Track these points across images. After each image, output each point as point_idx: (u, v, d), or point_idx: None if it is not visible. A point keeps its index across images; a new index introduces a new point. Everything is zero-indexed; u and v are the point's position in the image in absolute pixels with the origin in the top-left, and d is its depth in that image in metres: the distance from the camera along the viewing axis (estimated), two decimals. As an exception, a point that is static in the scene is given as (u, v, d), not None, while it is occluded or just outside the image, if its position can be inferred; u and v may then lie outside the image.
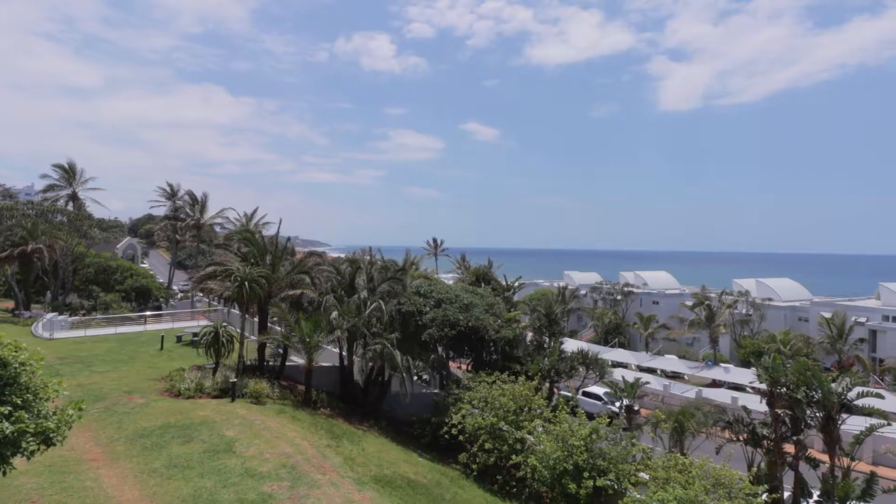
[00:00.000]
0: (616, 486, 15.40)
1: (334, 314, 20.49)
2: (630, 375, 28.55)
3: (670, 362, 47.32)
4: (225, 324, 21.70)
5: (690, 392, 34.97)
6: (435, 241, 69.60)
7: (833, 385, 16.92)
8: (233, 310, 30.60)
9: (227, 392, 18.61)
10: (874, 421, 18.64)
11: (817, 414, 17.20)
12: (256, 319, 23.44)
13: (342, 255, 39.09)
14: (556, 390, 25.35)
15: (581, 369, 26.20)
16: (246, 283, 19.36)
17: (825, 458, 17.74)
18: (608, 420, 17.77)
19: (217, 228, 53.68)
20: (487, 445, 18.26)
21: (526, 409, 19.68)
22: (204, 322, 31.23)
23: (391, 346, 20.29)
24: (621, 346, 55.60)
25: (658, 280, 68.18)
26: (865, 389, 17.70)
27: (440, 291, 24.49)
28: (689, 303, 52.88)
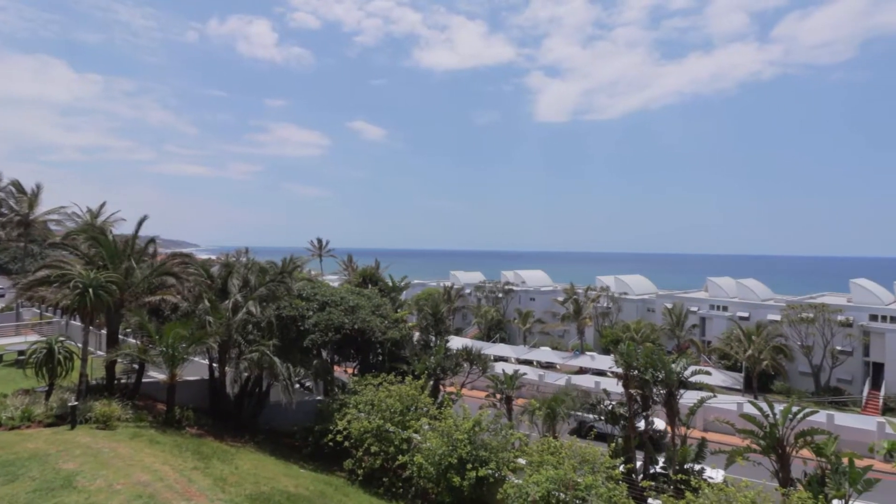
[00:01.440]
0: (497, 475, 16.21)
1: (206, 320, 18.62)
2: (510, 368, 30.33)
3: (545, 353, 51.28)
4: (62, 338, 18.50)
5: (562, 380, 38.23)
6: (320, 241, 67.05)
7: (673, 366, 19.68)
8: (73, 321, 26.30)
9: (66, 418, 15.88)
10: (704, 394, 22.11)
11: (661, 391, 19.88)
12: (104, 332, 20.36)
13: (213, 257, 35.75)
14: (442, 387, 25.94)
15: (466, 365, 27.15)
16: (90, 290, 16.68)
17: (668, 428, 20.55)
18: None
19: (53, 226, 45.61)
20: (374, 448, 18.02)
21: (413, 408, 19.82)
22: (34, 337, 26.38)
23: (270, 353, 19.02)
24: (503, 340, 58.91)
25: (534, 278, 73.47)
26: (698, 368, 20.88)
27: (324, 294, 23.60)
28: (561, 299, 57.87)
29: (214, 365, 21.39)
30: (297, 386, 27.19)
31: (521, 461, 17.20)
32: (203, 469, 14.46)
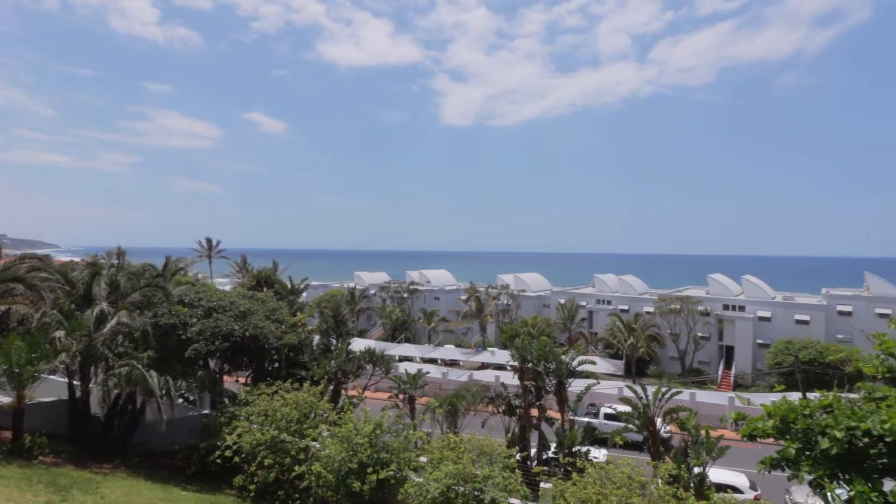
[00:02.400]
0: (398, 475, 16.14)
1: (60, 333, 16.19)
2: (413, 367, 30.47)
3: (449, 351, 52.32)
4: None
5: (464, 376, 39.31)
6: (209, 241, 61.84)
7: (563, 357, 21.13)
8: None
9: None
10: (590, 381, 24.04)
11: (552, 381, 21.24)
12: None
13: (78, 259, 31.32)
14: (343, 391, 25.27)
15: (369, 367, 26.73)
16: None
17: (558, 415, 21.99)
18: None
19: None
20: (267, 461, 16.99)
21: (311, 415, 19.05)
22: None
23: (143, 366, 17.08)
24: (408, 340, 59.07)
25: (439, 278, 74.69)
26: (584, 358, 22.64)
27: (211, 299, 21.77)
28: (464, 297, 59.48)
29: (76, 383, 18.73)
30: (180, 401, 24.84)
31: (423, 459, 17.34)
32: (59, 503, 12.58)
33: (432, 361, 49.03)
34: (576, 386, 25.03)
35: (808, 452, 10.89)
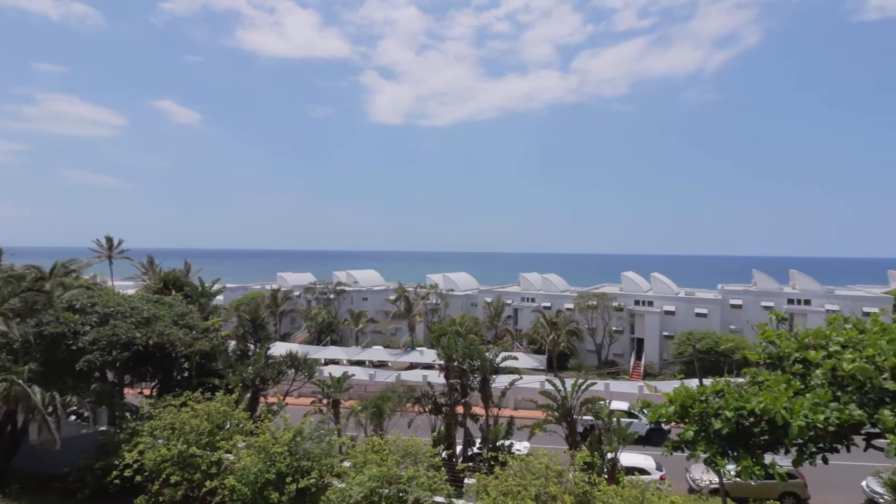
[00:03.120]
0: (320, 482, 15.58)
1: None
2: (339, 370, 29.68)
3: (377, 353, 51.62)
4: None
5: (392, 377, 38.96)
6: (109, 240, 56.09)
7: (487, 354, 21.55)
8: None
9: None
10: (514, 377, 24.74)
11: (478, 378, 21.60)
12: None
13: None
14: (262, 399, 24.02)
15: (290, 372, 25.63)
16: None
17: (483, 411, 22.40)
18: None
19: None
20: (174, 478, 15.69)
21: (225, 426, 17.89)
22: None
23: (25, 381, 15.11)
24: (334, 343, 57.48)
25: (367, 278, 73.51)
26: (508, 354, 23.23)
27: (108, 304, 19.73)
28: (393, 297, 59.00)
29: (-64, 404, 16.16)
30: (73, 418, 22.38)
31: (347, 465, 16.89)
32: None
33: (360, 364, 48.12)
34: (501, 382, 25.72)
35: (703, 433, 11.94)
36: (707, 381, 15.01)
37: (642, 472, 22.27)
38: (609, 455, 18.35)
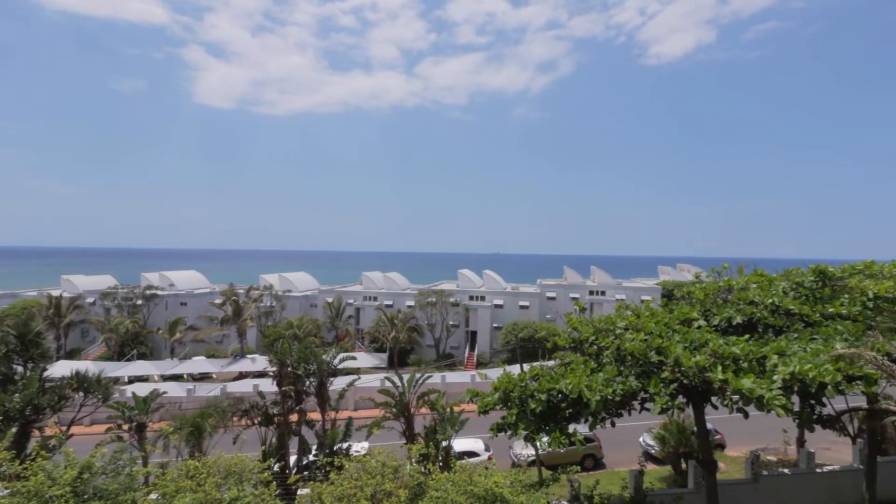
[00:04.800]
0: (117, 523, 13.05)
1: None
2: (147, 388, 25.44)
3: (198, 364, 45.92)
4: None
5: (216, 390, 34.97)
6: None
7: (324, 356, 20.69)
8: None
9: None
10: (353, 377, 24.25)
11: (314, 382, 20.60)
12: None
13: None
14: (34, 432, 19.22)
15: (78, 396, 21.04)
16: None
17: (320, 416, 21.48)
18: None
19: None
20: None
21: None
22: None
23: None
24: (143, 357, 49.36)
25: (186, 280, 64.93)
26: (346, 354, 22.65)
27: None
28: (219, 301, 53.12)
29: None
30: None
31: (154, 497, 14.48)
32: None
33: (177, 378, 42.16)
34: (340, 383, 25.01)
35: (523, 414, 13.22)
36: (527, 367, 16.62)
37: (473, 454, 23.85)
38: (444, 443, 19.16)
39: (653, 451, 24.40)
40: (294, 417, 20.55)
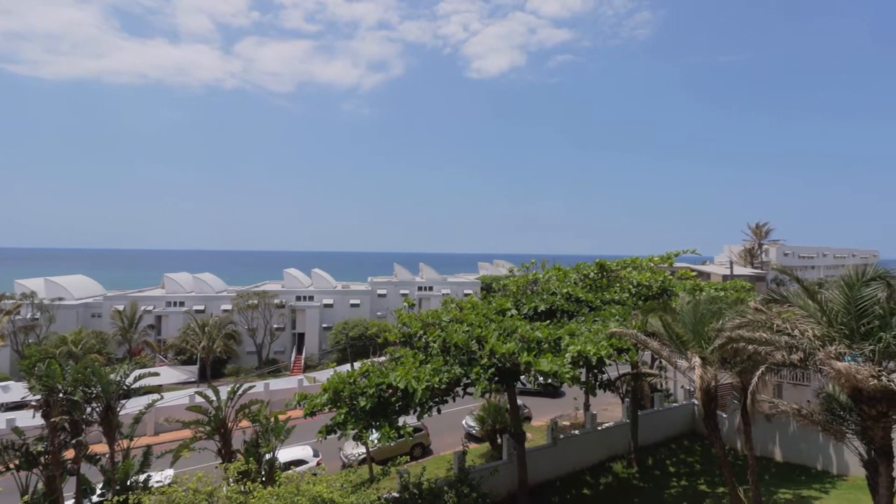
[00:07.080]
0: None
1: None
2: None
3: (-86, 402, 34.14)
4: None
5: (-54, 433, 26.39)
6: None
7: (112, 376, 17.27)
8: None
9: None
10: (154, 396, 20.74)
11: (98, 408, 17.03)
12: None
13: None
14: None
15: None
16: None
17: (108, 448, 17.87)
18: None
19: None
20: None
21: None
22: None
23: None
24: None
25: None
26: (144, 371, 19.26)
27: None
28: (-51, 316, 40.24)
29: None
30: None
31: None
32: None
33: None
34: (136, 406, 21.22)
35: (352, 413, 13.01)
36: (358, 365, 16.42)
37: (301, 462, 22.70)
38: (267, 456, 17.76)
39: (474, 432, 26.55)
40: (70, 454, 16.71)
